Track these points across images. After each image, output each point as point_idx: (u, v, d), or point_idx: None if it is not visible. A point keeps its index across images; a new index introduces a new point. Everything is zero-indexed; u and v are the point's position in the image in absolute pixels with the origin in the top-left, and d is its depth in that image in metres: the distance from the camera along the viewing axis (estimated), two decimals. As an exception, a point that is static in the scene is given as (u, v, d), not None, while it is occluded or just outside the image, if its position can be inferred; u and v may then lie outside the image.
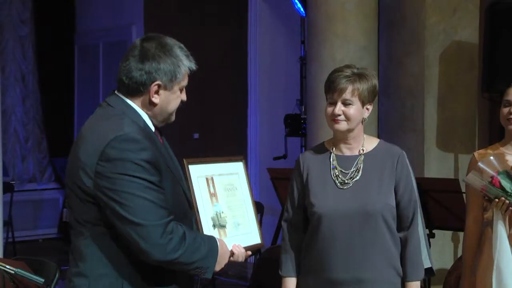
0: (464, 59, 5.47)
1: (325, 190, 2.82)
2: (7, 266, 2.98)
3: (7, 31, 8.42)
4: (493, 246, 2.96)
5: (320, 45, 5.43)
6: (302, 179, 2.89)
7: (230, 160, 2.74)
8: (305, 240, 2.88)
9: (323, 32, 5.44)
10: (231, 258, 2.50)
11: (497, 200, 2.86)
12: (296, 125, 6.74)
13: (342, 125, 2.81)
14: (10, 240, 7.25)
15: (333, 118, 2.80)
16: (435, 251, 4.96)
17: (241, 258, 2.52)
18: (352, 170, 2.83)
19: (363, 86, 2.79)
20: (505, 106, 3.17)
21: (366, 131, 2.96)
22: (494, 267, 2.96)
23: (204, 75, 7.74)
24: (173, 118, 2.39)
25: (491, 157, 2.89)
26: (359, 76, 2.80)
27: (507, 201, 2.84)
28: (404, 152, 2.88)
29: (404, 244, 2.83)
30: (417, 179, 4.65)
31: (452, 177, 5.25)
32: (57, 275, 3.48)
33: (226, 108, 7.47)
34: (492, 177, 2.84)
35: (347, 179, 2.82)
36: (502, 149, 3.14)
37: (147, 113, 2.33)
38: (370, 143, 2.89)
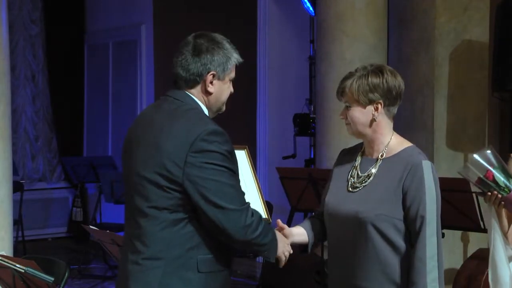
0: (474, 58, 5.45)
1: (338, 191, 2.77)
2: (17, 265, 2.99)
3: (17, 31, 8.45)
4: (488, 238, 2.95)
5: (329, 44, 5.42)
6: (332, 174, 2.86)
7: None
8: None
9: (332, 31, 5.43)
10: None
11: (489, 193, 2.80)
12: (305, 125, 6.73)
13: (348, 129, 2.77)
14: (20, 239, 7.28)
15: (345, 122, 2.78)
16: (445, 251, 4.93)
17: None
18: (365, 174, 2.74)
19: (355, 86, 2.68)
20: None
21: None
22: (490, 259, 2.94)
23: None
24: (224, 108, 2.62)
25: (488, 151, 2.80)
26: (365, 75, 2.69)
27: (499, 195, 2.78)
28: (428, 163, 2.66)
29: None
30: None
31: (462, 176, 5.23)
32: (66, 274, 3.49)
33: (235, 108, 7.45)
34: (487, 170, 2.79)
35: (358, 183, 2.74)
36: None
37: (205, 106, 2.55)
38: (396, 147, 2.74)
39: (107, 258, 7.01)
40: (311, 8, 6.69)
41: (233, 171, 2.45)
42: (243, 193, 2.48)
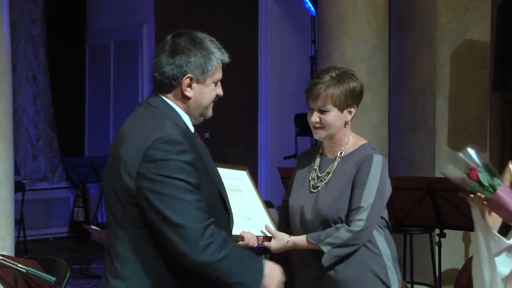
0: (475, 58, 5.45)
1: (299, 192, 2.84)
2: (19, 265, 2.99)
3: (18, 31, 8.45)
4: (475, 238, 2.93)
5: (331, 44, 5.42)
6: (293, 177, 2.92)
7: (233, 168, 2.80)
8: None
9: (333, 31, 5.42)
10: (241, 243, 2.55)
11: (472, 195, 2.72)
12: (307, 125, 6.69)
13: (320, 133, 2.79)
14: (21, 238, 7.29)
15: (313, 126, 2.79)
16: (447, 251, 4.95)
17: (252, 243, 2.61)
18: (324, 173, 2.80)
19: (336, 91, 2.73)
20: None
21: (377, 131, 2.93)
22: (474, 259, 2.91)
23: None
24: (209, 113, 2.38)
25: (472, 150, 2.74)
26: (337, 80, 2.75)
27: (482, 196, 2.68)
28: (378, 156, 2.74)
29: None
30: (427, 178, 4.67)
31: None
32: (68, 274, 3.49)
33: (236, 108, 7.47)
34: (470, 169, 2.68)
35: (318, 183, 2.80)
36: None
37: (185, 111, 2.33)
38: (353, 145, 2.82)
39: (108, 258, 7.00)
40: (312, 8, 6.69)
41: (191, 184, 2.17)
42: (202, 210, 2.18)
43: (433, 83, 5.40)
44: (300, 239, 2.75)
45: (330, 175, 2.79)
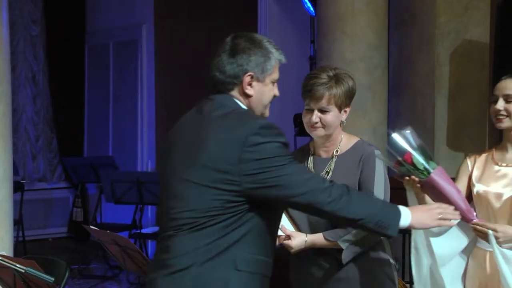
0: (475, 58, 5.45)
1: None
2: (18, 265, 2.98)
3: (18, 31, 8.45)
4: None
5: (330, 44, 5.42)
6: None
7: None
8: None
9: (333, 31, 5.42)
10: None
11: (407, 178, 2.66)
12: (306, 125, 6.72)
13: (320, 132, 2.81)
14: (20, 239, 7.28)
15: (311, 125, 2.80)
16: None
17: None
18: (323, 173, 2.82)
19: (339, 91, 2.76)
20: (494, 102, 2.91)
21: (377, 131, 2.94)
22: (412, 246, 2.87)
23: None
24: (267, 113, 2.49)
25: (407, 131, 2.69)
26: (336, 80, 2.77)
27: (417, 179, 2.61)
28: (378, 152, 2.80)
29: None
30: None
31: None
32: (67, 274, 3.48)
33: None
34: (405, 152, 2.61)
35: None
36: (495, 155, 2.94)
37: (248, 108, 2.42)
38: (347, 143, 2.86)
39: (107, 258, 7.00)
40: (311, 8, 6.68)
41: (291, 158, 2.33)
42: (314, 175, 2.41)
43: (433, 83, 5.40)
44: (318, 238, 2.77)
45: (330, 174, 2.80)
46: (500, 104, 2.88)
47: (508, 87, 2.91)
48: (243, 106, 2.41)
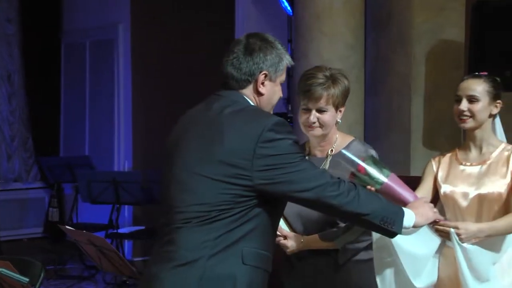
0: (450, 58, 5.48)
1: None
2: (-9, 266, 2.94)
3: (-8, 30, 8.36)
4: None
5: (307, 44, 5.42)
6: None
7: None
8: None
9: (310, 30, 5.42)
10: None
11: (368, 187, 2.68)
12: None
13: (317, 131, 2.82)
14: (-5, 239, 7.21)
15: (309, 125, 2.80)
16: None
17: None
18: None
19: (336, 91, 2.78)
20: (457, 102, 2.94)
21: (353, 131, 2.96)
22: (374, 246, 2.86)
23: (192, 74, 7.72)
24: (271, 112, 2.52)
25: (356, 142, 2.76)
26: (333, 80, 2.78)
27: (373, 188, 2.65)
28: (372, 152, 2.82)
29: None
30: (403, 177, 4.68)
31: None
32: (42, 275, 3.44)
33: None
34: (358, 164, 2.66)
35: None
36: (459, 155, 2.98)
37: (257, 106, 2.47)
38: (342, 143, 2.87)
39: (84, 258, 6.94)
40: (288, 8, 6.69)
41: (302, 155, 2.39)
42: (323, 171, 2.45)
43: (409, 82, 5.43)
44: (314, 239, 2.78)
45: None
46: (464, 105, 2.90)
47: (471, 87, 2.92)
48: (251, 103, 2.45)
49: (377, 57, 5.62)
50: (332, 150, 2.85)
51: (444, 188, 2.93)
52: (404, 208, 2.48)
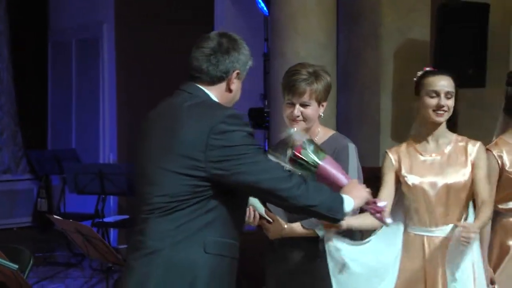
0: (416, 56, 5.51)
1: None
2: (-18, 254, 2.91)
3: (-19, 29, 8.26)
4: None
5: (283, 42, 5.41)
6: None
7: None
8: None
9: (285, 30, 5.42)
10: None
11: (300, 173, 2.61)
12: (260, 118, 6.73)
13: (300, 125, 2.80)
14: (-14, 228, 7.14)
15: (293, 119, 2.80)
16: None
17: (251, 219, 2.78)
18: None
19: (319, 87, 2.79)
20: (432, 97, 2.90)
21: (326, 124, 2.95)
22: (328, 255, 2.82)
23: (173, 72, 7.68)
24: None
25: (293, 130, 2.65)
26: (316, 76, 2.79)
27: (311, 173, 2.58)
28: (352, 145, 2.83)
29: None
30: (373, 169, 4.69)
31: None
32: (31, 262, 3.41)
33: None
34: (295, 148, 2.59)
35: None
36: (418, 147, 2.95)
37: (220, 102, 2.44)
38: (323, 136, 2.88)
39: (71, 246, 6.90)
40: (265, 8, 6.68)
41: (257, 147, 2.35)
42: (276, 163, 2.42)
43: (378, 79, 5.45)
44: (296, 226, 2.77)
45: None
46: (444, 101, 2.90)
47: (448, 84, 2.93)
48: (214, 98, 2.42)
49: (349, 55, 5.64)
50: None
51: (412, 179, 2.93)
52: (342, 195, 2.46)
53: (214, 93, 2.42)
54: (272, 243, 2.87)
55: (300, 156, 2.57)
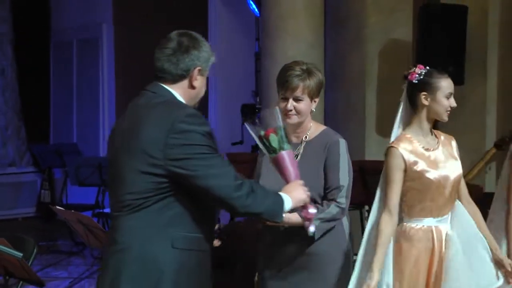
0: (399, 55, 5.54)
1: (270, 176, 2.78)
2: (-11, 242, 2.93)
3: (-14, 29, 8.26)
4: None
5: (272, 42, 5.44)
6: (261, 161, 2.92)
7: None
8: None
9: (275, 30, 5.44)
10: None
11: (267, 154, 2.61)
12: (252, 114, 6.75)
13: (293, 119, 2.83)
14: (-9, 219, 7.15)
15: (286, 113, 2.81)
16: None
17: None
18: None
19: (312, 83, 2.80)
20: (448, 99, 2.88)
21: (314, 120, 2.97)
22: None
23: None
24: (196, 105, 2.46)
25: (277, 109, 2.64)
26: (308, 73, 2.81)
27: (270, 156, 2.59)
28: (342, 141, 2.83)
29: None
30: (359, 161, 4.73)
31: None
32: (35, 250, 3.43)
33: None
34: (267, 129, 2.57)
35: None
36: (421, 142, 2.87)
37: (184, 100, 2.40)
38: (315, 131, 2.88)
39: (73, 236, 6.92)
40: (256, 10, 6.70)
41: (214, 149, 2.30)
42: (229, 168, 2.33)
43: (363, 77, 5.49)
44: (292, 215, 2.71)
45: (298, 158, 2.81)
46: (453, 100, 2.91)
47: (452, 86, 2.95)
48: (178, 97, 2.39)
49: (336, 55, 5.67)
50: (306, 137, 2.86)
51: (433, 174, 2.84)
52: (282, 194, 2.43)
53: (177, 91, 2.39)
54: (266, 228, 2.86)
55: (268, 138, 2.56)
